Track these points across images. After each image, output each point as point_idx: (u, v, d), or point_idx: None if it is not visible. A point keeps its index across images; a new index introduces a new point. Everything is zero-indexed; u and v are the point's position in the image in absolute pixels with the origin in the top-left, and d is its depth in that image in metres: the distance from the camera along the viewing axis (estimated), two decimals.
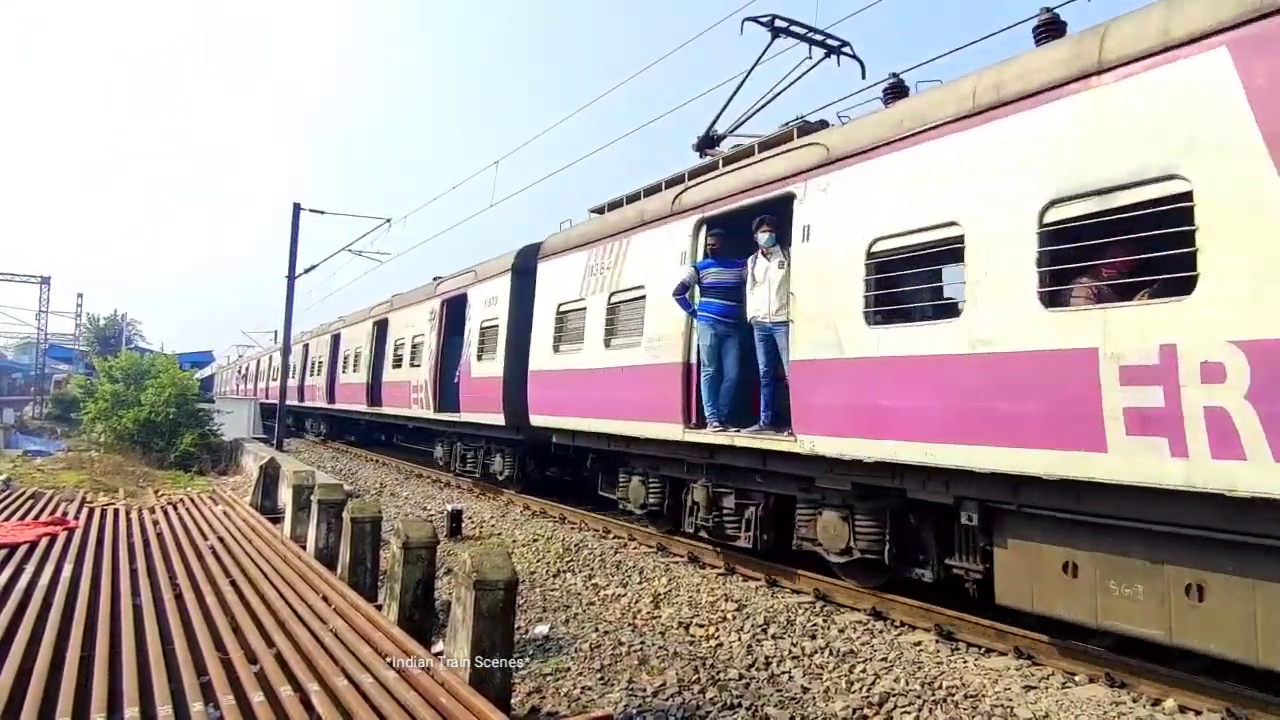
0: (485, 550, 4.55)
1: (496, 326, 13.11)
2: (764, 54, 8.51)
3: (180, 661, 4.49)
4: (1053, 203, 4.95)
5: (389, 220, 21.77)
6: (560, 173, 14.48)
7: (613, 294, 9.59)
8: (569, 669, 5.57)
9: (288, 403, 28.60)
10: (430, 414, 15.85)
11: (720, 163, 8.58)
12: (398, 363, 18.24)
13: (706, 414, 7.94)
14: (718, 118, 9.22)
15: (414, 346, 17.19)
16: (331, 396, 24.29)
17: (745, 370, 7.95)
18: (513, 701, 4.64)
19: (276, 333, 33.97)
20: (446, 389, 15.12)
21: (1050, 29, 5.69)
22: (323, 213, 21.99)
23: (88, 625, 5.18)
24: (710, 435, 7.86)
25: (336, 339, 24.42)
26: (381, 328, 19.90)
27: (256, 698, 3.99)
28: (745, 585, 7.70)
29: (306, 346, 28.84)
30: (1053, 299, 4.96)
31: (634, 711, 4.88)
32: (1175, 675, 4.88)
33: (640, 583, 7.87)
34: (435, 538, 5.89)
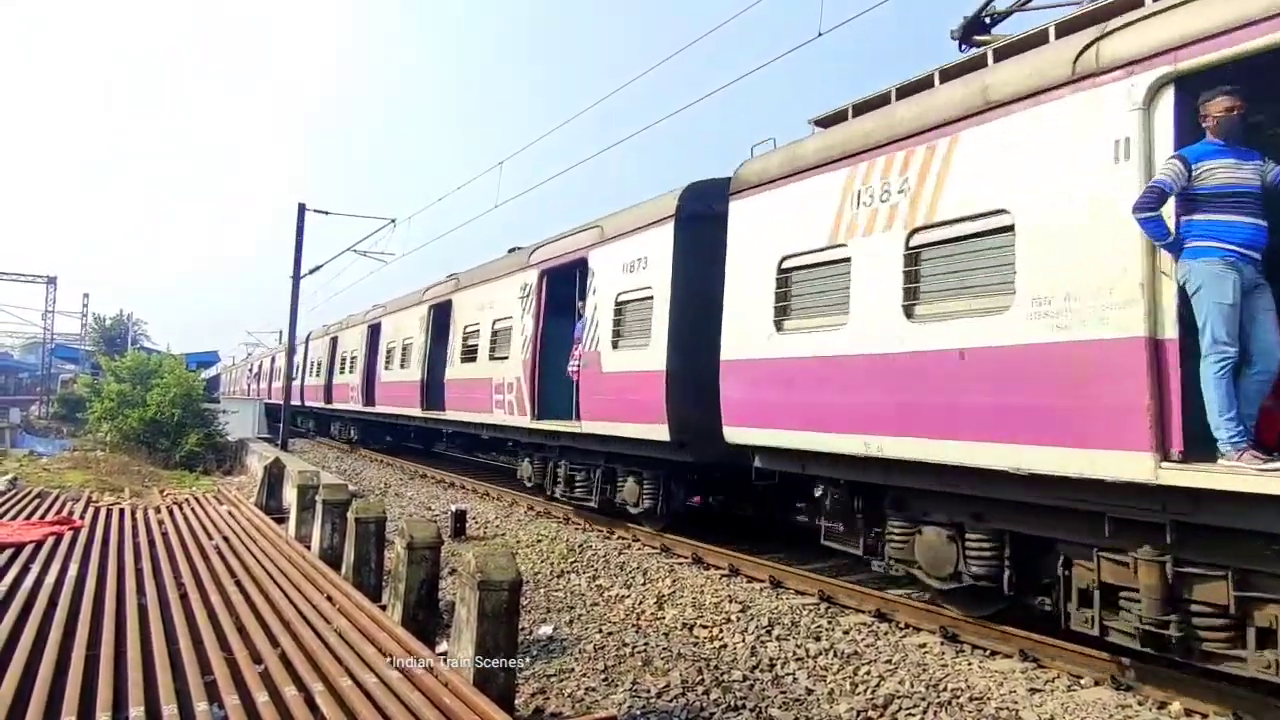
0: (490, 551, 4.55)
1: (648, 299, 9.33)
2: None
3: (185, 661, 4.50)
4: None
5: (393, 221, 21.81)
6: (565, 174, 14.46)
7: (919, 229, 5.87)
8: (573, 670, 5.57)
9: (309, 404, 28.17)
10: (528, 422, 11.78)
11: None
12: (469, 355, 14.30)
13: (1221, 429, 4.33)
14: None
15: (496, 334, 13.40)
16: (369, 397, 20.96)
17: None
18: (516, 702, 4.64)
19: (281, 332, 34.06)
20: (546, 389, 11.64)
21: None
22: (327, 213, 22.04)
23: (93, 624, 5.20)
24: (1224, 475, 4.20)
25: (375, 329, 20.96)
26: (442, 312, 16.19)
27: (261, 698, 4.00)
28: (749, 586, 7.69)
29: (334, 340, 25.30)
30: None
31: (638, 712, 4.88)
32: (1182, 678, 4.86)
33: (644, 584, 7.87)
34: (439, 538, 5.89)
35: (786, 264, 7.15)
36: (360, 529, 6.85)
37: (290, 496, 10.36)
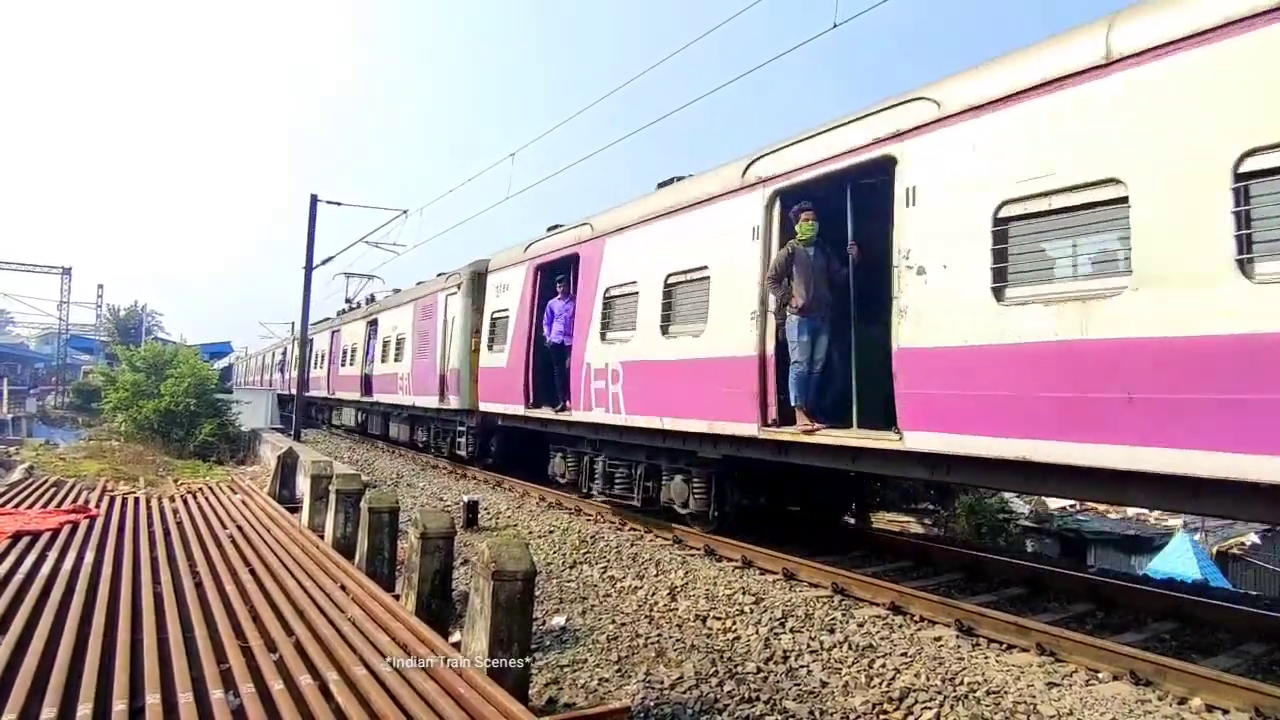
0: (503, 541, 4.54)
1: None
2: None
3: (200, 649, 4.52)
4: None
5: (405, 212, 21.83)
6: (577, 165, 14.40)
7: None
8: (586, 660, 5.56)
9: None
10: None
11: None
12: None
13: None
14: None
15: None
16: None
17: None
18: (530, 692, 4.64)
19: (294, 324, 34.19)
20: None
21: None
22: (340, 204, 22.09)
23: (109, 612, 5.23)
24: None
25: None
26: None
27: (276, 685, 4.01)
28: (762, 578, 7.66)
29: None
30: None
31: (651, 704, 4.86)
32: (1202, 673, 4.80)
33: (657, 575, 7.85)
34: (453, 528, 5.90)
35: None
36: (374, 519, 6.86)
37: (303, 486, 10.41)
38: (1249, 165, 4.13)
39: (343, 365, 24.65)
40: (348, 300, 28.30)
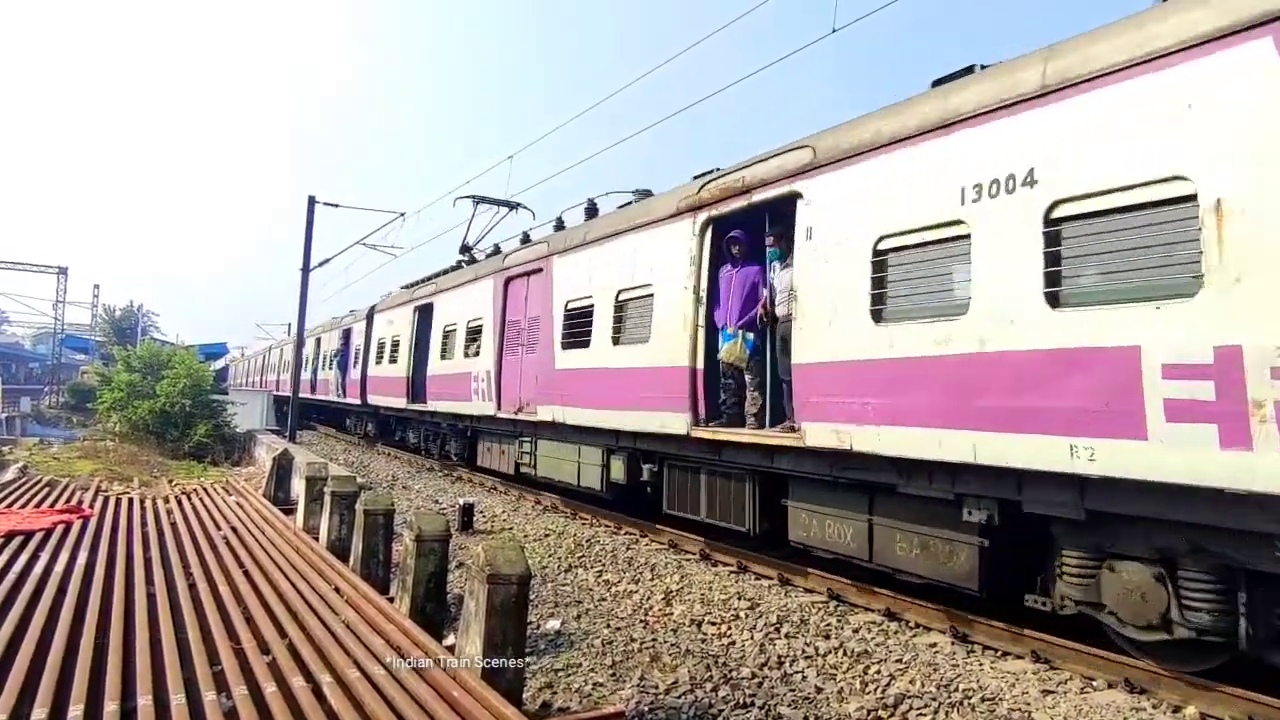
0: (498, 544, 4.52)
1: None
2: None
3: (193, 651, 4.50)
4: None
5: (403, 214, 21.82)
6: (575, 167, 14.41)
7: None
8: (581, 665, 5.54)
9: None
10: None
11: None
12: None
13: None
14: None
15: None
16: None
17: None
18: (524, 696, 4.61)
19: (290, 325, 34.14)
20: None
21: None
22: (337, 206, 22.08)
23: (102, 613, 5.19)
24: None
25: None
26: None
27: (269, 688, 3.99)
28: (758, 583, 7.65)
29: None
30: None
31: (646, 708, 4.84)
32: (1197, 682, 4.80)
33: (652, 579, 7.84)
34: (448, 531, 5.88)
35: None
36: (369, 521, 6.84)
37: (298, 488, 10.38)
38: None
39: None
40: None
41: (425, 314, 17.41)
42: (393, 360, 19.08)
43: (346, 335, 24.10)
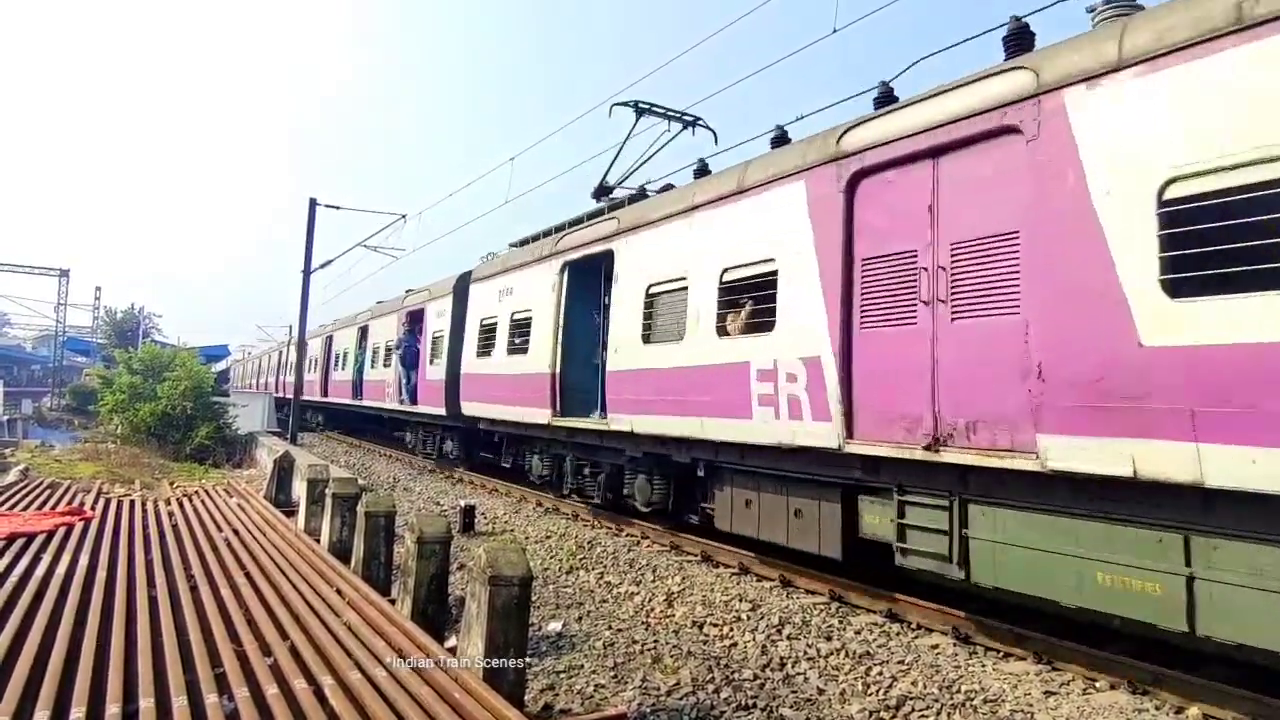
0: (500, 546, 4.52)
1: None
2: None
3: (195, 653, 4.49)
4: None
5: (404, 216, 21.83)
6: (577, 168, 14.37)
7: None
8: (582, 666, 5.54)
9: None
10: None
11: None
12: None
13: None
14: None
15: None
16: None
17: None
18: (526, 698, 4.61)
19: (291, 327, 34.16)
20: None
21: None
22: (339, 208, 22.11)
23: (103, 615, 5.19)
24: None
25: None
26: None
27: (271, 690, 3.98)
28: (759, 585, 7.65)
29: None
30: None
31: (648, 710, 4.84)
32: (1199, 683, 4.79)
33: (653, 581, 7.83)
34: (449, 533, 5.88)
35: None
36: (370, 523, 6.84)
37: (300, 490, 10.38)
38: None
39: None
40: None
41: (588, 272, 11.20)
42: (516, 350, 12.38)
43: (415, 319, 17.81)
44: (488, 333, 13.81)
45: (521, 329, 12.43)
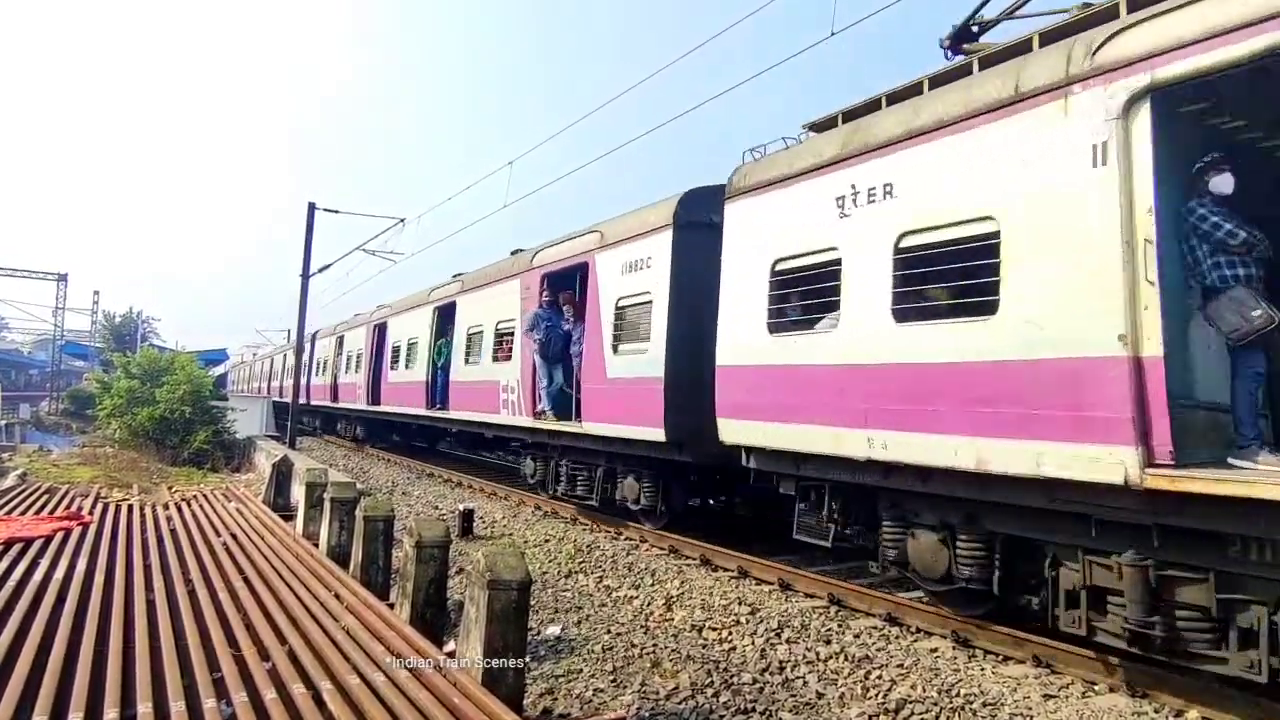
0: (499, 550, 4.52)
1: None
2: None
3: (193, 658, 4.49)
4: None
5: (403, 220, 21.79)
6: (575, 173, 14.35)
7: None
8: (581, 670, 5.54)
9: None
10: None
11: None
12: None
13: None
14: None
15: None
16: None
17: None
18: (525, 702, 4.61)
19: (290, 331, 34.15)
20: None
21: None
22: (337, 212, 22.09)
23: (101, 620, 5.18)
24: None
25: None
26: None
27: (269, 695, 3.98)
28: (758, 589, 7.64)
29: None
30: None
31: (647, 714, 4.84)
32: (1199, 686, 4.79)
33: (652, 585, 7.82)
34: (448, 537, 5.88)
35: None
36: (368, 527, 6.83)
37: (298, 494, 10.37)
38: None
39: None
40: None
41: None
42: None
43: (562, 282, 11.66)
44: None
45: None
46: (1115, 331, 4.53)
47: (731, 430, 7.63)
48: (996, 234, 5.27)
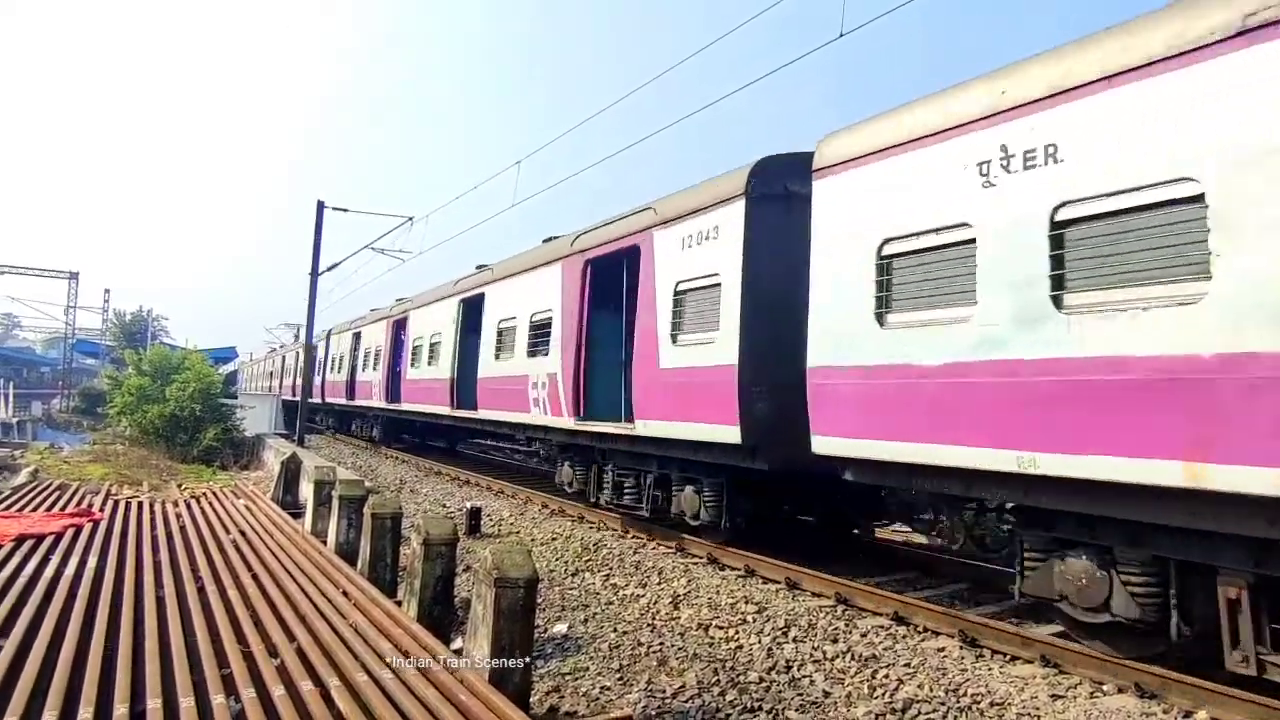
0: (506, 548, 4.52)
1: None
2: None
3: (202, 654, 4.51)
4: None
5: (411, 219, 21.83)
6: (582, 174, 14.38)
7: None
8: (588, 669, 5.55)
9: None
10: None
11: None
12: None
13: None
14: None
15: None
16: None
17: None
18: (531, 700, 4.61)
19: (299, 329, 34.30)
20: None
21: None
22: (346, 210, 22.14)
23: (111, 616, 5.22)
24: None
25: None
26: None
27: (277, 691, 4.00)
28: (765, 587, 7.63)
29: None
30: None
31: (653, 713, 4.84)
32: (1208, 686, 4.76)
33: (659, 583, 7.83)
34: (455, 535, 5.89)
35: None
36: (376, 525, 6.85)
37: (306, 492, 10.41)
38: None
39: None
40: None
41: None
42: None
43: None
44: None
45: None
46: None
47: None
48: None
